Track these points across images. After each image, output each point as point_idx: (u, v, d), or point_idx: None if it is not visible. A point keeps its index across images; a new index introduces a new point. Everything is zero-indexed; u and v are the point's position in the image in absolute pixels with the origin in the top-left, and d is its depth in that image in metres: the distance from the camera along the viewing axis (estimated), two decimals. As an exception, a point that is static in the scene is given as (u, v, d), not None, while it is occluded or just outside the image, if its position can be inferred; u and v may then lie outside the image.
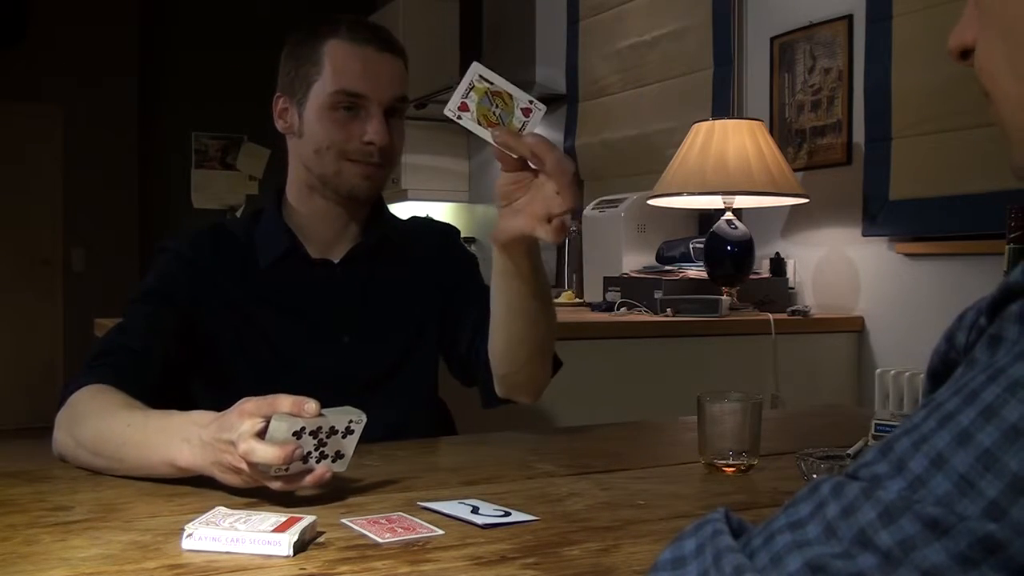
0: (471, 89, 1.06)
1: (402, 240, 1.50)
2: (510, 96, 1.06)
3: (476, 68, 1.06)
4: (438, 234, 1.58)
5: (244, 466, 0.92)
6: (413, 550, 0.81)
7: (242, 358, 1.37)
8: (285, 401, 0.93)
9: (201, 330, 1.35)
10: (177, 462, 1.00)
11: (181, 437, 0.99)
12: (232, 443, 0.92)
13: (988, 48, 0.56)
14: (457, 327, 1.46)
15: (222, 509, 0.87)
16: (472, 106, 1.06)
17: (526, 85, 4.63)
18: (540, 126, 1.07)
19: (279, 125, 1.44)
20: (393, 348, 1.45)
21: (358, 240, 1.46)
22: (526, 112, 1.05)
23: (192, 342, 1.35)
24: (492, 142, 1.06)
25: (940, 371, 0.48)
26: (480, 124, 1.06)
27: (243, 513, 0.86)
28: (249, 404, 0.94)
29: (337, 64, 1.37)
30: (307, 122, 1.39)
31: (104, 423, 1.11)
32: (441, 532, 0.86)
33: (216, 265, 1.39)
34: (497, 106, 1.05)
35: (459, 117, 1.06)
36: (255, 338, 1.37)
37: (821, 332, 2.86)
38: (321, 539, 0.84)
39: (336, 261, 1.44)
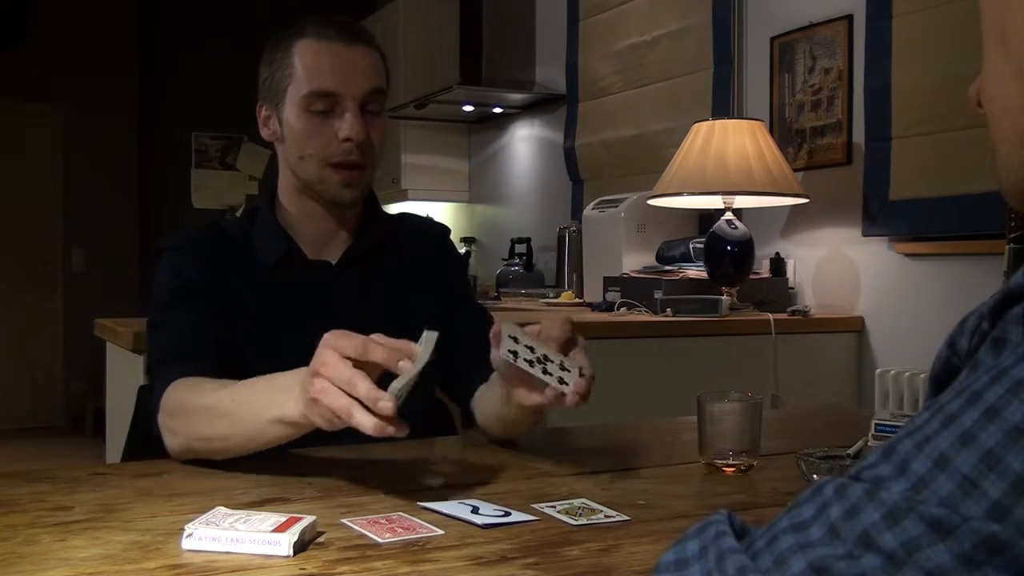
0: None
1: (396, 241, 1.50)
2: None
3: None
4: (432, 235, 1.58)
5: (342, 372, 0.93)
6: (413, 550, 0.81)
7: (246, 357, 1.37)
8: (379, 351, 0.95)
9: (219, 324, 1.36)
10: (284, 417, 1.02)
11: (284, 390, 1.02)
12: (323, 362, 0.94)
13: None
14: (449, 329, 1.46)
15: (222, 509, 0.87)
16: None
17: (526, 85, 4.65)
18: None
19: (264, 133, 1.44)
20: None
21: (352, 241, 1.46)
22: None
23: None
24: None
25: (942, 377, 0.49)
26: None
27: (243, 513, 0.86)
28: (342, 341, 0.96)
29: (307, 64, 1.36)
30: (287, 127, 1.39)
31: (207, 413, 1.12)
32: (441, 532, 0.86)
33: (221, 264, 1.39)
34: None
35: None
36: (258, 339, 1.36)
37: (821, 332, 2.86)
38: (321, 539, 0.84)
39: (333, 263, 1.44)
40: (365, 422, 0.92)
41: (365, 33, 1.41)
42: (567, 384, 1.01)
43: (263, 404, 1.06)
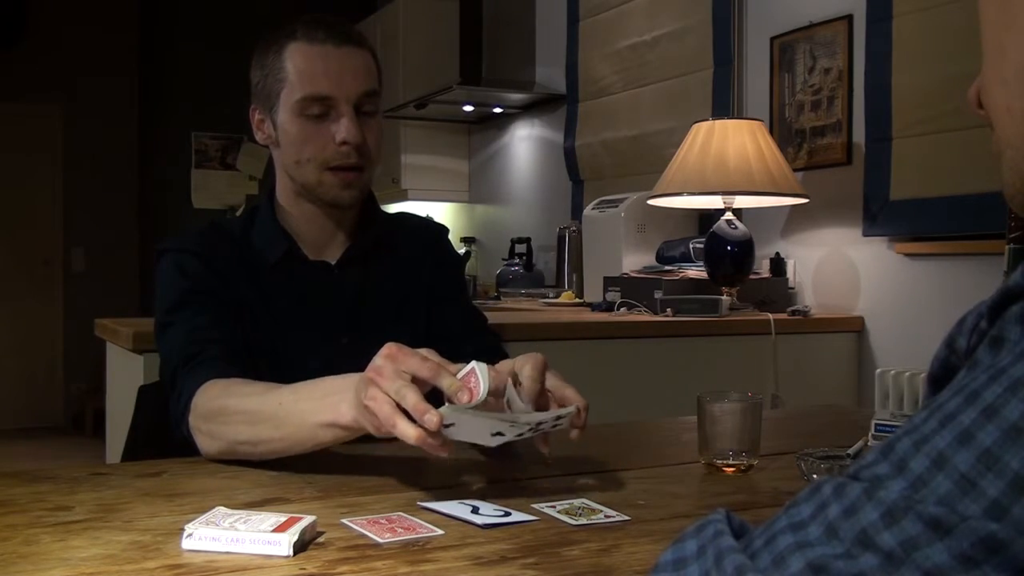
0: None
1: (395, 241, 1.50)
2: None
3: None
4: (428, 234, 1.58)
5: (399, 381, 0.92)
6: (413, 550, 0.81)
7: (249, 355, 1.37)
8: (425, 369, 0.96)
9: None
10: (337, 421, 1.01)
11: (335, 394, 1.01)
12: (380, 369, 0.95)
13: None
14: (438, 325, 1.47)
15: (222, 509, 0.87)
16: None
17: (526, 85, 4.64)
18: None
19: (258, 137, 1.44)
20: None
21: (351, 241, 1.46)
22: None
23: None
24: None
25: (940, 377, 0.48)
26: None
27: (243, 513, 0.86)
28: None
29: (299, 68, 1.35)
30: (282, 132, 1.39)
31: (250, 418, 1.10)
32: (441, 532, 0.86)
33: (223, 263, 1.39)
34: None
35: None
36: (259, 337, 1.37)
37: (821, 332, 2.87)
38: (321, 539, 0.83)
39: (332, 263, 1.45)
40: (408, 432, 0.91)
41: (355, 33, 1.40)
42: (562, 425, 1.03)
43: (313, 409, 1.04)
